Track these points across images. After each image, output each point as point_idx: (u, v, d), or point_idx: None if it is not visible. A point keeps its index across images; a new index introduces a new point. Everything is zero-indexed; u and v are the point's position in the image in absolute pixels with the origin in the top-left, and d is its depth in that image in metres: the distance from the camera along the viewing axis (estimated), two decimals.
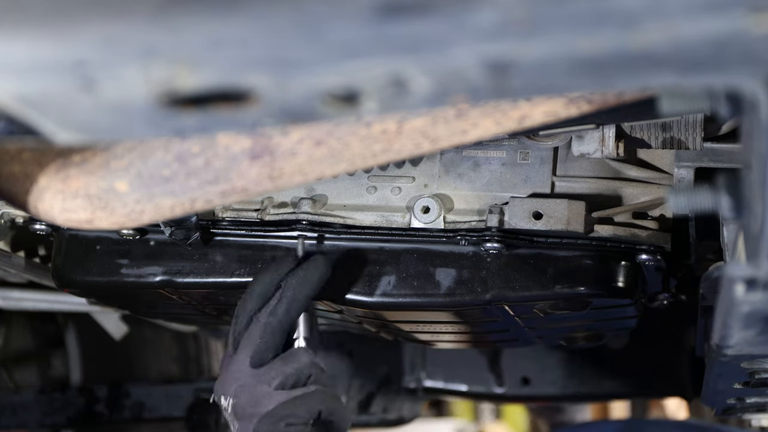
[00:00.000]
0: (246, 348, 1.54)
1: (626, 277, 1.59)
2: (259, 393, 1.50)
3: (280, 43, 0.71)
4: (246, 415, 1.50)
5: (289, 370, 1.52)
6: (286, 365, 1.53)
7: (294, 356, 1.55)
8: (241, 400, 1.51)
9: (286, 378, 1.52)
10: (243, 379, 1.52)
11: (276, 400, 1.50)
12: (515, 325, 1.82)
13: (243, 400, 1.51)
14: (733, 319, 1.03)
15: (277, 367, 1.53)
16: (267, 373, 1.52)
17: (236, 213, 1.68)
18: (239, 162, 1.04)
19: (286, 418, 1.50)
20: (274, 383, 1.51)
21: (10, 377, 2.65)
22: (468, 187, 1.61)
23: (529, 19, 0.68)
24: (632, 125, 1.48)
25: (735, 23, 0.67)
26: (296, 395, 1.51)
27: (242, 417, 1.50)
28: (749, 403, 1.87)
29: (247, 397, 1.51)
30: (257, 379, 1.51)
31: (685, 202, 0.88)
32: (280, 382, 1.51)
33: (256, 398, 1.50)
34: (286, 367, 1.53)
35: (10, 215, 1.77)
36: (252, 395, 1.50)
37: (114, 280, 1.73)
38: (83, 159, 1.07)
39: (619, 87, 0.87)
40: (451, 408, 5.79)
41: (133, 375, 2.93)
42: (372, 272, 1.64)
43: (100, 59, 0.73)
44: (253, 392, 1.51)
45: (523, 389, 2.64)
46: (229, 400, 1.53)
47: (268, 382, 1.51)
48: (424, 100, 0.77)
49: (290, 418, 1.50)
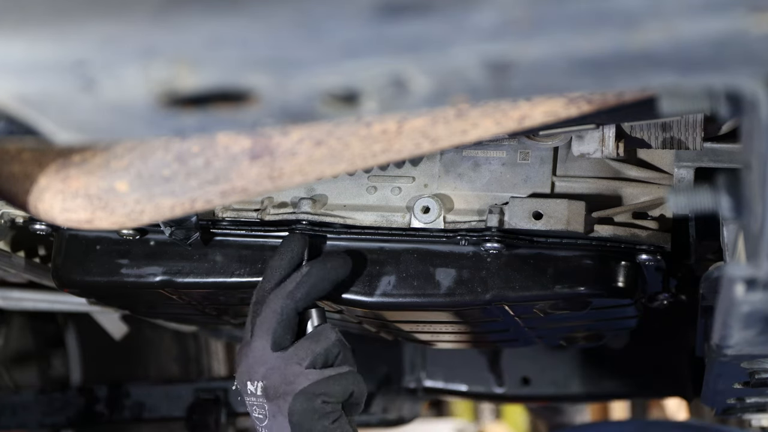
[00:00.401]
0: (265, 333, 1.53)
1: (626, 277, 1.59)
2: (291, 373, 1.50)
3: (280, 43, 0.71)
4: (279, 394, 1.50)
5: (318, 349, 1.52)
6: (316, 344, 1.53)
7: (322, 335, 1.54)
8: (273, 381, 1.50)
9: (315, 357, 1.52)
10: (271, 362, 1.52)
11: (310, 378, 1.50)
12: (515, 325, 1.82)
13: (275, 381, 1.50)
14: (733, 319, 1.03)
15: (306, 347, 1.53)
16: (296, 354, 1.52)
17: (236, 213, 1.68)
18: (239, 162, 1.04)
19: (321, 395, 1.50)
20: (304, 363, 1.51)
21: (10, 377, 2.65)
22: (468, 187, 1.61)
23: (529, 19, 0.68)
24: (632, 125, 1.48)
25: (735, 23, 0.67)
26: (330, 374, 1.52)
27: (275, 396, 1.50)
28: (749, 403, 1.87)
29: (278, 378, 1.50)
30: (286, 360, 1.51)
31: (685, 202, 0.88)
32: (310, 361, 1.51)
33: (289, 378, 1.50)
34: (315, 345, 1.53)
35: (10, 215, 1.77)
36: (284, 375, 1.50)
37: (114, 280, 1.73)
38: (83, 159, 1.07)
39: (619, 87, 0.87)
40: (451, 408, 5.79)
41: (133, 375, 2.93)
42: (372, 272, 1.64)
43: (100, 59, 0.73)
44: (285, 373, 1.50)
45: (523, 389, 2.64)
46: (257, 384, 1.52)
47: (298, 362, 1.51)
48: (424, 100, 0.77)
49: (325, 396, 1.51)
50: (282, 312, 1.54)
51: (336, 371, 1.53)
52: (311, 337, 1.55)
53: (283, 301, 1.55)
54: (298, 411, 1.49)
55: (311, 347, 1.53)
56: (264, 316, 1.55)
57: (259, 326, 1.55)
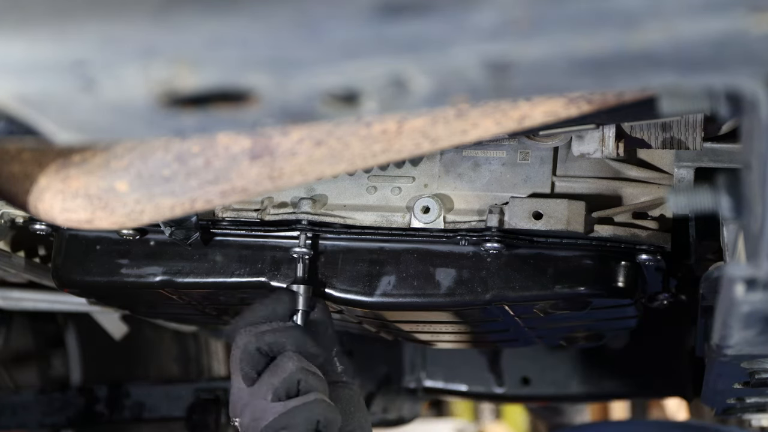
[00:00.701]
0: (235, 369, 1.54)
1: (626, 277, 1.59)
2: (259, 408, 1.50)
3: (280, 43, 0.71)
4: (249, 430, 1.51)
5: (275, 382, 1.51)
6: (273, 377, 1.52)
7: (279, 366, 1.53)
8: (245, 418, 1.52)
9: (275, 390, 1.50)
10: (244, 398, 1.53)
11: (274, 413, 1.49)
12: (515, 325, 1.82)
13: (246, 418, 1.52)
14: (733, 319, 1.03)
15: (266, 380, 1.52)
16: (260, 388, 1.51)
17: (236, 213, 1.68)
18: (239, 162, 1.04)
19: (283, 429, 1.49)
20: (268, 396, 1.50)
21: (10, 377, 2.65)
22: (468, 187, 1.61)
23: (529, 19, 0.68)
24: (632, 125, 1.48)
25: (735, 23, 0.67)
26: (293, 405, 1.49)
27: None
28: (749, 403, 1.87)
29: (249, 415, 1.51)
30: (253, 395, 1.52)
31: (685, 202, 0.88)
32: (273, 394, 1.50)
33: (257, 414, 1.50)
34: (273, 378, 1.51)
35: (10, 215, 1.77)
36: (253, 412, 1.51)
37: (114, 280, 1.73)
38: (83, 159, 1.07)
39: (619, 87, 0.87)
40: (451, 408, 5.79)
41: (133, 375, 2.93)
42: (372, 272, 1.64)
43: (100, 59, 0.73)
44: (253, 409, 1.51)
45: (523, 389, 2.64)
46: (238, 420, 1.54)
47: (263, 397, 1.50)
48: (424, 100, 0.77)
49: (288, 429, 1.49)
50: (245, 348, 1.54)
51: (301, 401, 1.50)
52: (270, 369, 1.53)
53: (248, 338, 1.54)
54: None
55: (270, 380, 1.51)
56: (233, 353, 1.55)
57: (231, 363, 1.56)
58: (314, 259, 1.66)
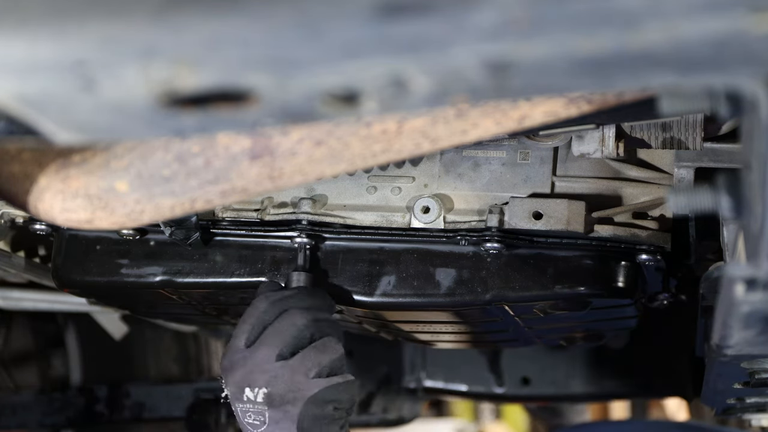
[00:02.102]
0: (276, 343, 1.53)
1: (626, 277, 1.59)
2: (297, 381, 1.51)
3: (280, 43, 0.71)
4: (286, 401, 1.50)
5: (325, 361, 1.53)
6: (323, 355, 1.53)
7: (328, 347, 1.55)
8: (278, 388, 1.51)
9: (322, 368, 1.52)
10: (274, 370, 1.51)
11: (318, 386, 1.51)
12: (515, 325, 1.82)
13: (280, 389, 1.51)
14: (733, 319, 1.03)
15: (313, 357, 1.53)
16: (303, 363, 1.52)
17: (236, 213, 1.68)
18: (239, 162, 1.04)
19: (332, 402, 1.52)
20: (311, 373, 1.51)
21: (10, 377, 2.65)
22: (468, 187, 1.61)
23: (529, 19, 0.68)
24: (632, 125, 1.48)
25: (735, 23, 0.67)
26: (337, 382, 1.53)
27: (280, 404, 1.50)
28: (749, 403, 1.87)
29: (284, 386, 1.51)
30: (291, 369, 1.51)
31: (685, 202, 0.88)
32: (317, 372, 1.52)
33: (296, 385, 1.51)
34: (322, 357, 1.53)
35: (10, 215, 1.77)
36: (289, 384, 1.51)
37: (114, 280, 1.73)
38: (83, 159, 1.07)
39: (619, 87, 0.87)
40: (451, 408, 5.79)
41: (133, 375, 2.93)
42: (372, 272, 1.64)
43: (100, 59, 0.73)
44: (291, 381, 1.51)
45: (523, 389, 2.64)
46: (258, 391, 1.51)
47: (305, 372, 1.51)
48: (424, 100, 0.77)
49: (336, 403, 1.52)
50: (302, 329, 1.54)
51: (342, 379, 1.54)
52: (318, 348, 1.54)
53: (306, 319, 1.55)
54: (308, 417, 1.50)
55: (318, 358, 1.53)
56: (279, 326, 1.54)
57: (269, 336, 1.54)
58: (314, 255, 1.66)
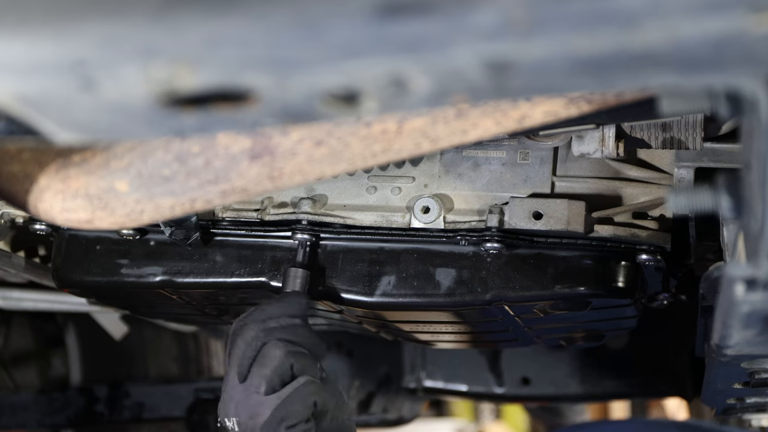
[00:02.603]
0: (233, 364, 1.52)
1: (626, 277, 1.59)
2: (253, 404, 1.49)
3: (280, 43, 0.71)
4: (249, 429, 1.49)
5: (267, 372, 1.49)
6: (263, 368, 1.50)
7: (267, 356, 1.51)
8: (241, 416, 1.50)
9: (268, 381, 1.49)
10: (237, 396, 1.51)
11: (270, 406, 1.48)
12: (515, 325, 1.82)
13: (242, 417, 1.49)
14: (733, 319, 1.03)
15: (257, 373, 1.50)
16: (251, 383, 1.50)
17: (236, 213, 1.68)
18: (239, 162, 1.04)
19: (284, 420, 1.48)
20: (262, 390, 1.49)
21: (10, 377, 2.65)
22: (468, 187, 1.61)
23: (529, 19, 0.68)
24: (632, 125, 1.48)
25: (735, 23, 0.67)
26: (287, 394, 1.48)
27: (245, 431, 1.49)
28: (749, 403, 1.87)
29: (244, 412, 1.49)
30: (246, 391, 1.50)
31: (685, 202, 0.88)
32: (266, 386, 1.49)
33: (252, 410, 1.49)
34: (263, 369, 1.50)
35: (10, 215, 1.77)
36: (247, 409, 1.49)
37: (114, 280, 1.73)
38: (83, 159, 1.07)
39: (619, 87, 0.87)
40: (451, 408, 5.79)
41: (133, 375, 2.93)
42: (372, 272, 1.64)
43: (100, 59, 0.73)
44: (247, 405, 1.49)
45: (523, 389, 2.64)
46: (233, 420, 1.51)
47: (256, 391, 1.49)
48: (424, 100, 0.77)
49: (288, 420, 1.48)
50: (251, 342, 1.51)
51: (292, 388, 1.49)
52: (258, 361, 1.51)
53: (256, 332, 1.52)
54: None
55: (261, 372, 1.50)
56: (236, 347, 1.53)
57: (231, 357, 1.53)
58: (314, 254, 1.65)
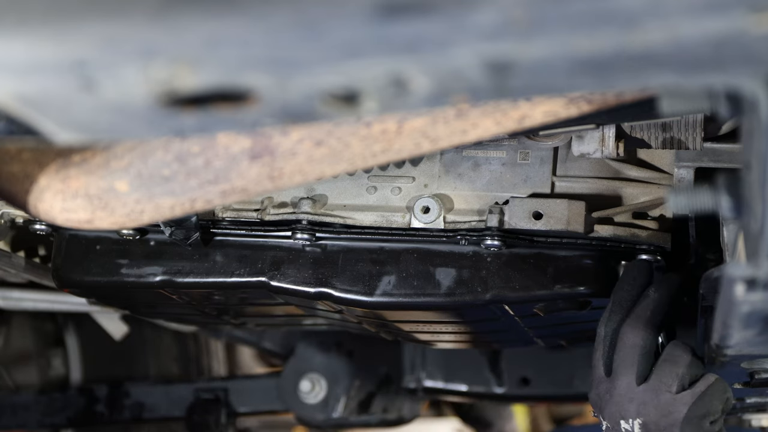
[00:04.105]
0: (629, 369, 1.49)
1: None
2: (665, 403, 1.46)
3: (280, 43, 0.71)
4: (661, 428, 1.46)
5: (681, 371, 1.47)
6: (676, 366, 1.48)
7: (677, 354, 1.49)
8: (650, 416, 1.46)
9: (681, 379, 1.47)
10: (639, 397, 1.48)
11: (686, 403, 1.46)
12: (515, 325, 1.82)
13: (652, 416, 1.46)
14: (733, 319, 1.03)
15: (669, 371, 1.48)
16: (662, 382, 1.47)
17: (236, 213, 1.68)
18: (239, 162, 1.04)
19: (706, 416, 1.46)
20: (673, 388, 1.47)
21: (10, 377, 2.65)
22: (468, 187, 1.61)
23: (529, 19, 0.68)
24: (632, 125, 1.48)
25: (735, 23, 0.67)
26: (702, 390, 1.47)
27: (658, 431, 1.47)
28: (749, 403, 1.87)
29: (654, 412, 1.46)
30: (655, 391, 1.47)
31: (685, 202, 0.88)
32: (678, 385, 1.47)
33: (665, 409, 1.46)
34: (677, 368, 1.48)
35: (10, 215, 1.77)
36: (659, 408, 1.46)
37: (114, 280, 1.73)
38: (83, 159, 1.07)
39: (619, 87, 0.87)
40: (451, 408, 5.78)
41: (133, 375, 2.93)
42: (372, 272, 1.64)
43: (100, 59, 0.73)
44: (658, 405, 1.46)
45: (523, 389, 2.64)
46: (633, 422, 1.47)
47: (667, 390, 1.47)
48: (424, 100, 0.77)
49: (710, 416, 1.46)
50: (644, 344, 1.49)
51: (704, 385, 1.48)
52: (669, 359, 1.49)
53: (643, 332, 1.50)
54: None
55: (674, 371, 1.48)
56: (624, 353, 1.50)
57: (620, 363, 1.50)
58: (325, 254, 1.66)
